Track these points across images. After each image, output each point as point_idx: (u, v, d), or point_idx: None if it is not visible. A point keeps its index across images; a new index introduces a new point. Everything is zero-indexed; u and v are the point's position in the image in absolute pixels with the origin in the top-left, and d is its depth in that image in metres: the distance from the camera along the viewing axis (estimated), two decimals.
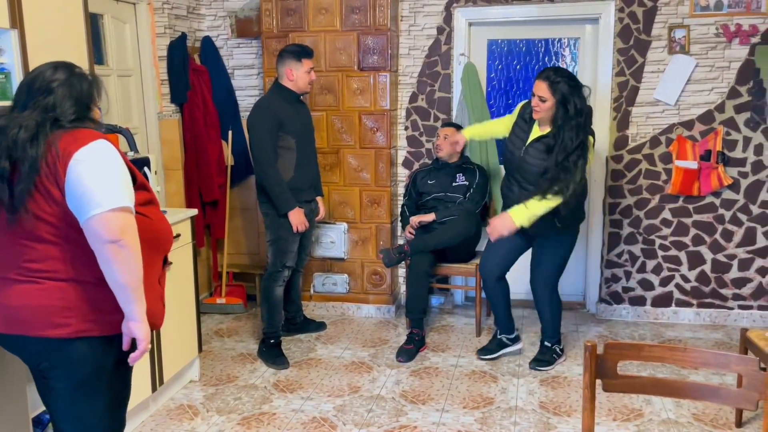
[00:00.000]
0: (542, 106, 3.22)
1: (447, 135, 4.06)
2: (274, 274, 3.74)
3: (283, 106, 3.61)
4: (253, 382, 3.51)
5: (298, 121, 3.68)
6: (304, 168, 3.71)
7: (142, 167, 3.21)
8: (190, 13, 4.49)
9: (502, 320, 3.78)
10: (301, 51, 3.63)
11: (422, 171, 4.27)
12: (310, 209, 3.83)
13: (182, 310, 3.35)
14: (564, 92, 3.15)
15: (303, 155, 3.70)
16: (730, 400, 1.81)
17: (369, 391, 3.39)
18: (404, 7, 4.40)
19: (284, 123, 3.57)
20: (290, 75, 3.61)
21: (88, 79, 1.91)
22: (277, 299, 3.77)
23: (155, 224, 1.88)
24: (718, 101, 4.07)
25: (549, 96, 3.19)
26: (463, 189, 4.11)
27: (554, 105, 3.19)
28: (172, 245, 2.03)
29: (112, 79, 3.81)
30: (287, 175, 3.62)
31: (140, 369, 2.97)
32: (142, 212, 1.83)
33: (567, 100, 3.15)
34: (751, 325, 4.15)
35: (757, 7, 3.94)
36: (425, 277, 3.96)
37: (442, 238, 3.93)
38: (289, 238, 3.68)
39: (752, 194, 4.11)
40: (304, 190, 3.73)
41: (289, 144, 3.61)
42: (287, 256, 3.72)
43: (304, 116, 3.79)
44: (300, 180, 3.69)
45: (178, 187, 4.31)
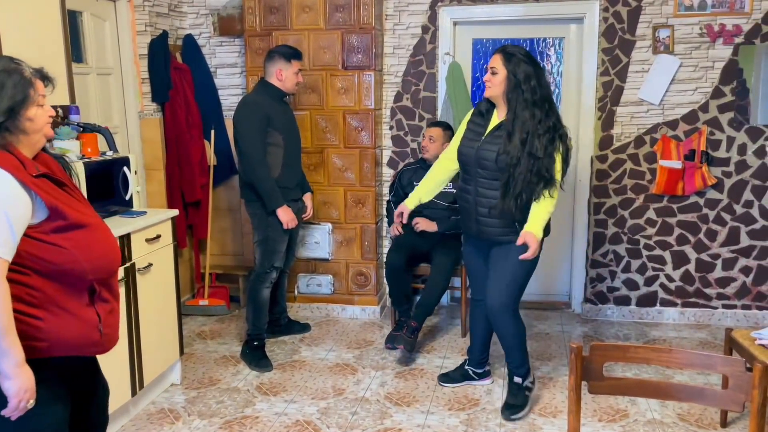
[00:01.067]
0: (493, 80, 2.91)
1: (432, 136, 3.99)
2: (263, 275, 3.69)
3: (270, 103, 3.59)
4: (236, 385, 3.46)
5: (285, 119, 3.67)
6: (291, 166, 3.69)
7: (121, 167, 3.16)
8: (172, 11, 4.43)
9: (476, 349, 3.38)
10: (292, 52, 3.66)
11: (409, 169, 4.19)
12: (298, 208, 3.79)
13: (163, 312, 3.29)
14: (516, 65, 2.86)
15: (290, 153, 3.68)
16: (716, 401, 1.79)
17: (353, 393, 3.35)
18: (389, 6, 4.37)
19: (272, 119, 3.56)
20: (279, 75, 3.61)
21: (13, 76, 1.66)
22: (264, 301, 3.72)
23: (70, 254, 1.68)
24: (702, 101, 4.08)
25: (501, 68, 2.89)
26: (450, 197, 3.96)
27: (506, 78, 2.88)
28: (117, 265, 1.86)
29: (91, 78, 3.74)
30: (275, 172, 3.59)
31: (119, 372, 2.92)
32: (54, 241, 1.66)
33: (519, 73, 2.85)
34: (735, 325, 4.17)
35: (740, 7, 3.95)
36: (402, 273, 3.94)
37: (434, 291, 3.80)
38: (277, 238, 3.64)
39: (736, 194, 4.12)
40: (291, 188, 3.71)
41: (277, 141, 3.59)
42: (275, 257, 3.68)
43: (290, 115, 3.78)
44: (287, 178, 3.66)
45: (160, 188, 4.24)
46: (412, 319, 3.72)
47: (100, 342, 1.80)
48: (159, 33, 4.19)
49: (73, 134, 3.08)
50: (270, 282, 3.71)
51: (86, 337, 1.76)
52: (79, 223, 1.71)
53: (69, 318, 1.71)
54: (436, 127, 4.05)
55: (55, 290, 1.69)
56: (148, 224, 3.09)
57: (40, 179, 1.67)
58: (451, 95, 4.29)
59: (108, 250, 1.81)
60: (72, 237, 1.69)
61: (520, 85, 2.85)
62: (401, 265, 3.92)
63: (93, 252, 1.73)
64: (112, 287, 1.84)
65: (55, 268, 1.67)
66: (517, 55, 2.88)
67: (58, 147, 2.91)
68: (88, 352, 1.82)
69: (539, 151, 2.83)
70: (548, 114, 2.88)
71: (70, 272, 1.69)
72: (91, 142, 3.11)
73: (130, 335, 2.99)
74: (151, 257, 3.13)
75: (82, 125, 3.17)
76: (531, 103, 2.85)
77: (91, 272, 1.72)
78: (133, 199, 3.24)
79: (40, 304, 1.67)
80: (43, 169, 1.71)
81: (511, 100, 2.89)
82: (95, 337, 1.77)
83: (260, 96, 3.63)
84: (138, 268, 3.01)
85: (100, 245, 1.77)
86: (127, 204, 3.20)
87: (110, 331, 1.83)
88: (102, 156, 3.14)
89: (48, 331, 1.68)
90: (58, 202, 1.68)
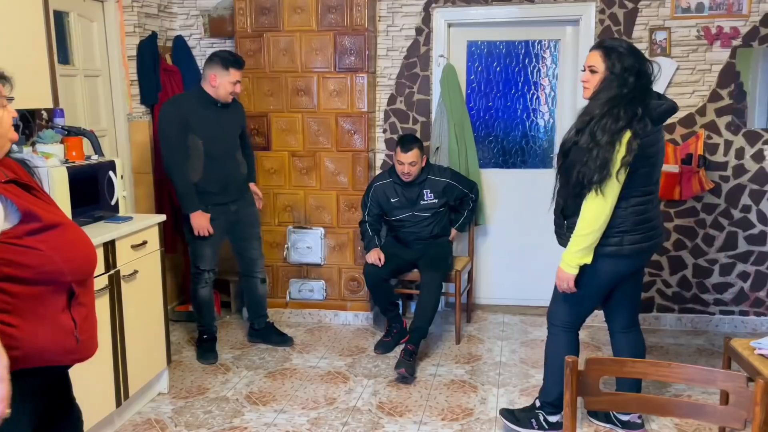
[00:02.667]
0: (592, 80, 2.65)
1: (414, 161, 3.75)
2: (194, 275, 3.75)
3: (193, 107, 3.54)
4: (225, 394, 3.38)
5: (211, 123, 3.58)
6: (214, 170, 3.60)
7: (107, 172, 3.09)
8: (161, 12, 4.35)
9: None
10: (231, 60, 3.55)
11: (382, 184, 3.93)
12: (230, 211, 3.73)
13: (149, 320, 3.21)
14: (618, 60, 2.57)
15: (213, 158, 3.59)
16: (716, 418, 1.73)
17: (345, 402, 3.28)
18: (382, 7, 4.30)
19: (192, 124, 3.51)
20: (213, 80, 3.55)
21: None
22: (202, 300, 3.77)
23: (47, 256, 1.64)
24: (700, 104, 4.03)
25: (600, 64, 2.61)
26: (432, 207, 3.89)
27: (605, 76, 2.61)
28: (94, 264, 1.81)
29: (78, 80, 3.67)
30: (195, 176, 3.57)
31: (103, 382, 2.84)
32: (29, 244, 1.62)
33: (618, 67, 2.57)
34: (733, 331, 4.11)
35: (738, 9, 3.90)
36: (384, 284, 3.88)
37: (426, 314, 3.70)
38: (197, 240, 3.65)
39: (733, 198, 4.07)
40: (215, 192, 3.63)
41: (196, 145, 3.54)
42: (200, 260, 3.70)
43: (225, 120, 3.66)
44: (209, 183, 3.60)
45: (148, 191, 4.17)
46: (408, 343, 3.63)
47: (77, 349, 1.74)
48: (148, 34, 4.12)
49: (58, 138, 3.01)
50: (204, 282, 3.73)
51: (61, 345, 1.70)
52: (53, 223, 1.68)
53: (43, 324, 1.66)
54: (413, 149, 3.75)
55: (32, 296, 1.63)
56: (134, 230, 3.02)
57: (9, 185, 1.63)
58: (446, 98, 4.23)
59: (83, 248, 1.77)
60: (46, 238, 1.65)
61: (615, 80, 2.55)
62: (383, 276, 3.85)
63: (69, 251, 1.70)
64: (89, 289, 1.79)
65: (32, 271, 1.62)
66: (617, 49, 2.58)
67: (41, 151, 2.83)
68: (66, 360, 1.76)
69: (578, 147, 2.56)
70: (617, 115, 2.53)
71: (48, 274, 1.65)
72: (75, 146, 3.03)
73: (115, 344, 2.91)
74: (137, 264, 3.05)
75: (66, 128, 3.09)
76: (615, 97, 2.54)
77: (69, 273, 1.68)
78: (119, 204, 3.16)
79: (14, 311, 1.61)
80: (11, 174, 1.67)
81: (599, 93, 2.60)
82: (71, 345, 1.72)
83: (184, 97, 3.65)
84: (123, 275, 2.94)
85: (75, 244, 1.74)
86: (113, 209, 3.13)
87: (87, 337, 1.77)
88: (87, 160, 3.07)
89: (21, 339, 1.63)
90: (30, 205, 1.65)
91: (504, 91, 4.44)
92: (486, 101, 4.48)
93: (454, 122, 4.24)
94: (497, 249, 4.56)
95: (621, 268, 2.70)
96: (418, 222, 3.92)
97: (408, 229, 3.96)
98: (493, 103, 4.47)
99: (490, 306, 4.62)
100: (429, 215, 3.92)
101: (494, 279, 4.61)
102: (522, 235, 4.45)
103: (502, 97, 4.45)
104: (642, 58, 2.61)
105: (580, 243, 2.60)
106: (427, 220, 3.92)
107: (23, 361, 1.65)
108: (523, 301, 4.55)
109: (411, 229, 3.95)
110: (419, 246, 3.93)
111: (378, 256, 3.83)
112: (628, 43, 2.67)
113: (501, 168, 4.52)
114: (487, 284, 4.62)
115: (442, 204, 3.94)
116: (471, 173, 4.26)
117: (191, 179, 3.56)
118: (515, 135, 4.49)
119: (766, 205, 4.04)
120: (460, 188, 3.98)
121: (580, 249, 2.61)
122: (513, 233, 4.47)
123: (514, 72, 4.41)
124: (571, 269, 2.66)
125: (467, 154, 4.28)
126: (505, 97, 4.45)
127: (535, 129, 4.47)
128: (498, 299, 4.62)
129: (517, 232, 4.46)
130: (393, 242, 4.02)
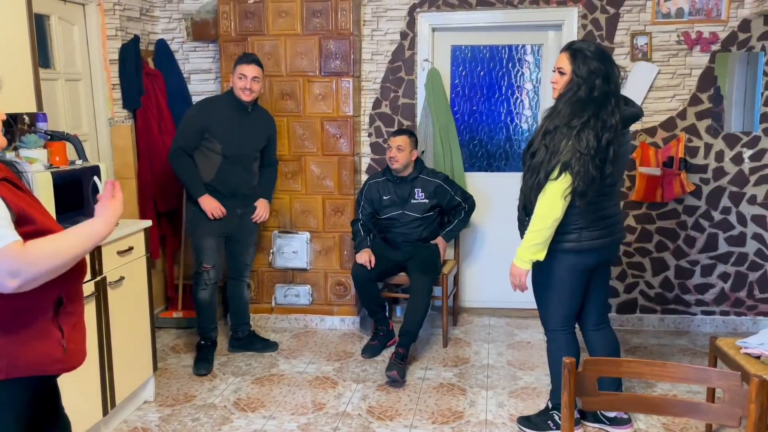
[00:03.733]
0: (561, 81, 2.72)
1: (401, 145, 3.83)
2: (195, 275, 3.74)
3: (220, 109, 3.63)
4: (212, 401, 3.34)
5: (232, 127, 3.61)
6: (226, 175, 3.65)
7: (92, 177, 3.03)
8: (144, 15, 4.31)
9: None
10: (238, 57, 3.70)
11: (376, 182, 4.00)
12: (236, 214, 3.75)
13: (136, 327, 3.17)
14: (583, 63, 2.64)
15: (228, 162, 3.63)
16: (711, 416, 1.75)
17: (334, 407, 3.26)
18: (367, 12, 4.31)
19: (212, 126, 3.58)
20: (231, 80, 3.66)
21: None
22: (201, 302, 3.73)
23: None
24: (680, 108, 4.10)
25: (568, 67, 2.68)
26: (422, 207, 3.92)
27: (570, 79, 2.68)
28: (84, 272, 1.77)
29: (59, 84, 3.61)
30: (207, 176, 3.63)
31: (90, 391, 2.79)
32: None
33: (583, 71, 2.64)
34: (714, 331, 4.18)
35: (717, 15, 3.97)
36: (371, 284, 3.88)
37: (416, 317, 3.69)
38: (198, 233, 3.68)
39: (714, 200, 4.14)
40: (223, 195, 3.66)
41: (214, 147, 3.60)
42: (202, 255, 3.68)
43: (248, 127, 3.67)
44: (220, 185, 3.65)
45: (131, 197, 4.11)
46: (399, 346, 3.63)
47: (64, 359, 1.70)
48: (130, 38, 4.07)
49: (41, 142, 2.96)
50: (204, 284, 3.69)
51: (48, 354, 1.66)
52: (46, 228, 1.63)
53: (29, 334, 1.62)
54: (402, 135, 3.88)
55: (18, 304, 1.59)
56: (120, 236, 2.98)
57: (2, 183, 1.58)
58: (431, 102, 4.25)
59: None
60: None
61: (580, 83, 2.61)
62: (370, 277, 3.84)
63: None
64: (77, 299, 1.75)
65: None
66: (584, 52, 2.64)
67: (24, 156, 2.78)
68: (52, 370, 1.71)
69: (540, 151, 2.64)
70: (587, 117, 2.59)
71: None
72: (59, 151, 2.98)
73: (101, 352, 2.86)
74: (123, 270, 3.01)
75: (49, 133, 3.03)
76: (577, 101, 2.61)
77: (57, 282, 1.63)
78: None
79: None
80: (2, 173, 1.62)
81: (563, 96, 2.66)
82: (57, 354, 1.68)
83: (215, 99, 3.80)
84: (109, 282, 2.89)
85: None
86: None
87: (75, 346, 1.73)
88: (71, 165, 3.01)
89: (6, 348, 1.60)
90: (25, 205, 1.60)
91: (488, 95, 4.47)
92: (470, 105, 4.50)
93: (440, 126, 4.25)
94: (482, 252, 4.58)
95: (586, 260, 2.78)
96: (407, 222, 3.93)
97: (397, 230, 3.96)
98: (477, 107, 4.50)
99: (475, 309, 4.63)
100: (419, 216, 3.92)
101: (479, 282, 4.63)
102: (506, 238, 4.44)
103: (486, 100, 4.48)
104: (609, 62, 2.66)
105: (534, 239, 2.67)
106: (417, 221, 3.92)
107: (9, 371, 1.61)
108: (509, 303, 4.57)
109: (400, 230, 3.95)
110: (407, 248, 3.93)
111: (369, 257, 3.83)
112: (597, 46, 2.72)
113: (485, 171, 4.55)
114: (473, 287, 4.64)
115: (432, 205, 3.94)
116: (456, 177, 4.28)
117: (204, 179, 3.62)
118: (499, 138, 4.52)
119: (746, 206, 4.12)
120: (452, 194, 3.98)
121: (533, 244, 2.68)
122: (497, 236, 4.49)
123: (497, 76, 4.44)
124: (523, 264, 2.74)
125: (452, 158, 4.30)
126: (489, 101, 4.48)
127: (518, 132, 4.50)
128: (483, 302, 4.64)
129: (502, 235, 4.47)
130: (382, 243, 4.01)
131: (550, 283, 2.82)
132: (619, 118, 2.63)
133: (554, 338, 2.90)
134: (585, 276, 2.83)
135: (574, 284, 2.82)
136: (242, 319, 3.99)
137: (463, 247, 4.50)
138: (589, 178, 2.57)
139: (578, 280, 2.82)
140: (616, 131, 2.63)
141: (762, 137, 4.05)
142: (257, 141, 3.75)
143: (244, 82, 3.57)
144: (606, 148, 2.60)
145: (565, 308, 2.87)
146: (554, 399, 2.99)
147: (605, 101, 2.62)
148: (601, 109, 2.61)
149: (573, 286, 2.83)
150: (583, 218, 2.70)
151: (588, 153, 2.55)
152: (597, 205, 2.71)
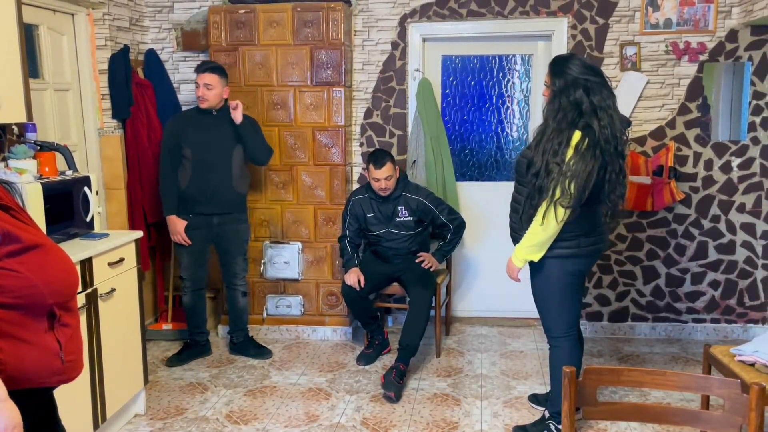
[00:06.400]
0: (547, 94, 2.80)
1: (390, 176, 3.70)
2: (181, 282, 3.95)
3: (188, 119, 3.81)
4: (204, 414, 3.30)
5: (201, 132, 3.74)
6: (199, 179, 3.75)
7: (82, 187, 3.00)
8: (133, 25, 4.28)
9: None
10: (197, 66, 3.81)
11: (359, 198, 3.88)
12: (212, 223, 3.83)
13: (127, 339, 3.12)
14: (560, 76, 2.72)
15: (199, 166, 3.74)
16: (712, 424, 1.75)
17: (328, 419, 3.23)
18: (358, 22, 4.31)
19: (182, 135, 3.74)
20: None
21: None
22: (187, 306, 3.93)
23: (26, 278, 1.58)
24: (669, 117, 4.13)
25: (549, 80, 2.77)
26: (407, 225, 3.83)
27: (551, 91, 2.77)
28: (76, 286, 1.75)
29: (48, 94, 3.57)
30: (183, 183, 3.78)
31: (80, 405, 2.74)
32: (8, 267, 1.55)
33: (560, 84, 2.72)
34: (705, 338, 4.20)
35: (704, 25, 4.02)
36: (361, 301, 3.84)
37: (416, 332, 3.64)
38: (178, 248, 3.88)
39: (703, 209, 4.17)
40: (198, 201, 3.78)
41: (187, 155, 3.75)
42: (181, 268, 3.88)
43: (216, 130, 3.77)
44: (194, 190, 3.76)
45: (121, 208, 4.07)
46: (399, 361, 3.57)
47: (63, 370, 1.69)
48: (120, 47, 4.04)
49: (30, 153, 2.93)
50: (185, 289, 3.90)
51: (47, 367, 1.65)
52: (33, 244, 1.61)
53: (27, 347, 1.60)
54: (386, 164, 3.69)
55: (12, 318, 1.57)
56: (111, 247, 2.94)
57: None
58: (422, 111, 4.25)
59: (65, 270, 1.71)
60: (26, 260, 1.59)
61: (558, 95, 2.68)
62: (361, 295, 3.80)
63: (50, 274, 1.64)
64: (72, 311, 1.73)
65: (12, 294, 1.56)
66: (561, 65, 2.70)
67: (14, 167, 2.74)
68: (52, 381, 1.70)
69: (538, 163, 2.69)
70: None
71: (27, 297, 1.59)
72: (49, 162, 2.95)
73: (92, 365, 2.82)
74: (114, 282, 2.97)
75: (39, 143, 3.01)
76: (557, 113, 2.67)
77: (49, 295, 1.62)
78: (95, 220, 3.08)
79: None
80: None
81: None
82: (56, 366, 1.67)
83: (186, 111, 3.98)
84: (100, 293, 2.85)
85: (56, 266, 1.67)
86: (88, 226, 3.04)
87: (73, 357, 1.72)
88: (61, 176, 2.98)
89: (6, 362, 1.57)
90: (9, 226, 1.58)
91: (478, 105, 4.49)
92: (461, 115, 4.52)
93: (431, 136, 4.26)
94: (473, 261, 4.58)
95: (582, 266, 2.88)
96: (394, 239, 3.88)
97: (386, 245, 3.93)
98: (467, 117, 4.51)
99: (467, 318, 4.63)
100: (404, 233, 3.86)
101: (471, 291, 4.63)
102: (498, 247, 4.46)
103: (476, 110, 4.50)
104: (587, 73, 2.67)
105: (532, 240, 2.75)
106: (404, 237, 3.89)
107: (8, 383, 1.59)
108: (501, 312, 4.57)
109: (389, 245, 3.92)
110: (398, 261, 3.91)
111: (357, 278, 3.75)
112: (578, 58, 2.75)
113: (476, 180, 4.55)
114: (464, 297, 4.64)
115: (417, 222, 3.85)
116: (448, 186, 4.28)
117: (180, 185, 3.77)
118: (489, 148, 4.54)
119: (735, 215, 4.16)
120: (436, 213, 3.84)
121: (532, 245, 2.76)
122: (489, 245, 4.49)
123: (487, 86, 4.46)
124: (519, 262, 2.85)
125: (444, 168, 4.30)
126: (480, 111, 4.50)
127: (508, 142, 4.52)
128: (475, 311, 4.64)
129: (493, 244, 4.48)
130: (372, 257, 3.98)
131: (551, 290, 2.87)
132: (609, 132, 2.66)
133: (559, 345, 2.93)
134: (582, 280, 2.93)
135: (574, 289, 2.90)
136: (237, 325, 4.04)
137: (455, 256, 4.50)
138: (586, 195, 2.65)
139: (577, 284, 2.91)
140: (609, 141, 2.67)
141: (750, 146, 4.10)
142: (226, 143, 3.78)
143: (198, 90, 3.72)
144: (602, 160, 2.66)
145: (568, 313, 2.92)
146: (552, 407, 2.98)
147: (592, 113, 2.66)
148: (591, 120, 2.64)
149: (573, 290, 2.90)
150: (581, 225, 2.77)
151: (588, 170, 2.61)
152: (594, 212, 2.82)
